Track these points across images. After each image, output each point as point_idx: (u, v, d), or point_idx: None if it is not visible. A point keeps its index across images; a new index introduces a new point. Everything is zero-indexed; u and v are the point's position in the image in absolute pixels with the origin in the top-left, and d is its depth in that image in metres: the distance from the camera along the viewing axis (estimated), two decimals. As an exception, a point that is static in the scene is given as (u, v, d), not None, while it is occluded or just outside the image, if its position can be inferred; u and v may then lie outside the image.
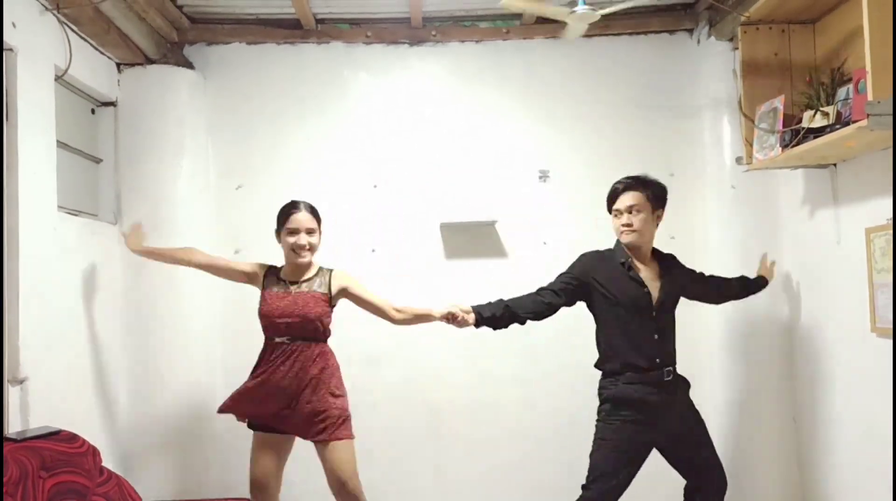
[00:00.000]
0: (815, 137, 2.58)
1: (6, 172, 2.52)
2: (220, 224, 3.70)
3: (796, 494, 3.31)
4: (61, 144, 2.98)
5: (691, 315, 3.67)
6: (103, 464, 2.41)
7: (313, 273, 2.91)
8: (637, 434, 2.70)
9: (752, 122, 2.95)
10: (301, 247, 2.84)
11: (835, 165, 2.94)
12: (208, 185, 3.69)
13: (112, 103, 3.47)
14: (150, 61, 3.48)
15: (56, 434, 2.29)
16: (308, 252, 2.87)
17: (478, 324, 2.80)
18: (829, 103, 2.65)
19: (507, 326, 2.82)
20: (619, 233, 2.82)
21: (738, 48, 3.07)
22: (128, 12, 3.13)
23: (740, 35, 3.00)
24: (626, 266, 2.78)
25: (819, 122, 2.61)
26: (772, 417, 3.36)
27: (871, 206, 2.70)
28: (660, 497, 3.19)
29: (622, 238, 2.82)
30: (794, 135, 2.70)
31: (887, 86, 2.15)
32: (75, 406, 2.89)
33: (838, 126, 2.49)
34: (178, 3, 3.49)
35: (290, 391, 2.78)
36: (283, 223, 2.89)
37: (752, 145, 2.97)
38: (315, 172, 3.73)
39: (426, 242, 3.74)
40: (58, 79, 2.90)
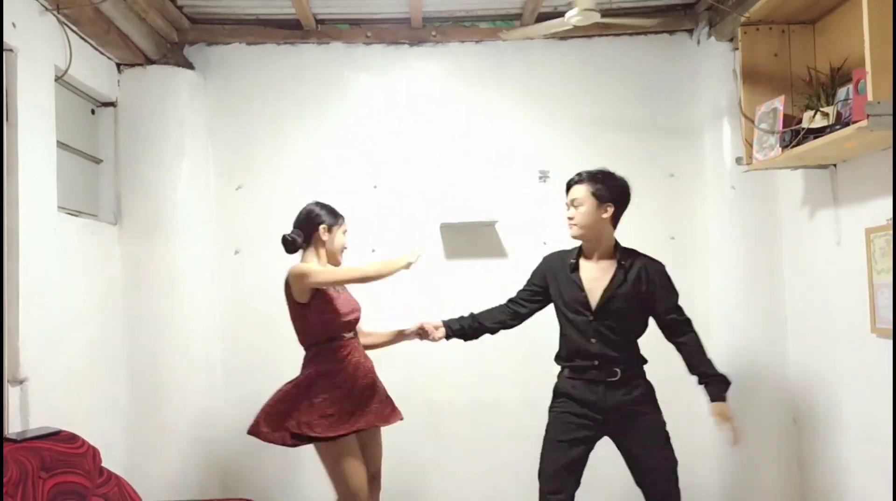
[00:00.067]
0: (815, 137, 2.58)
1: (6, 172, 2.52)
2: (220, 225, 3.70)
3: (796, 494, 3.31)
4: (61, 144, 2.98)
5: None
6: (103, 465, 2.41)
7: None
8: (573, 429, 2.67)
9: (752, 122, 2.94)
10: (345, 248, 2.96)
11: (835, 165, 2.94)
12: (208, 185, 3.69)
13: (112, 104, 3.47)
14: (151, 62, 3.48)
15: (56, 435, 2.28)
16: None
17: (448, 337, 2.90)
18: (828, 104, 2.65)
19: (476, 337, 2.92)
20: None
21: (738, 49, 3.07)
22: (128, 13, 3.13)
23: (740, 35, 3.00)
24: (571, 267, 2.76)
25: (819, 122, 2.60)
26: (772, 417, 3.36)
27: (871, 206, 2.70)
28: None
29: (569, 233, 2.79)
30: (794, 135, 2.70)
31: (887, 86, 2.16)
32: (75, 407, 2.89)
33: (838, 127, 2.49)
34: (178, 3, 3.49)
35: (370, 380, 2.84)
36: (339, 222, 2.92)
37: (751, 146, 2.96)
38: (315, 172, 3.73)
39: (426, 242, 3.73)
40: (58, 79, 2.91)
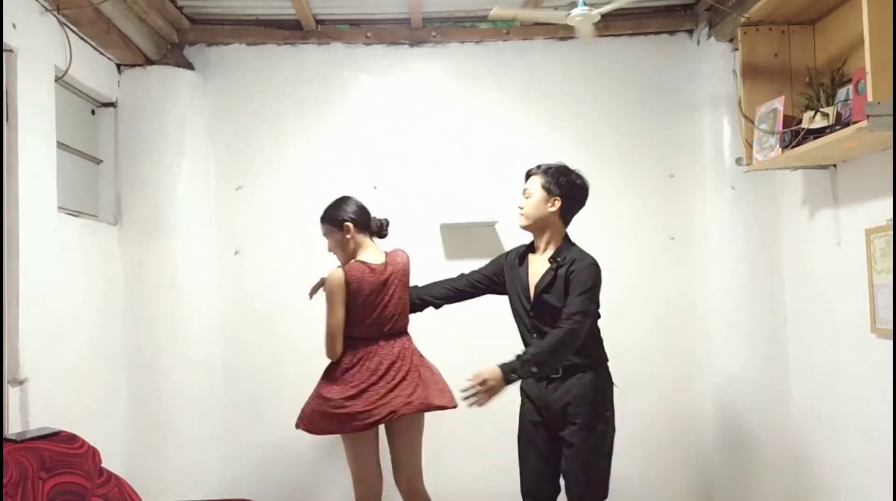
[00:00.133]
0: (815, 138, 2.58)
1: (6, 172, 2.52)
2: (220, 225, 3.70)
3: (796, 494, 3.31)
4: (61, 144, 2.98)
5: (689, 313, 3.69)
6: (103, 465, 2.41)
7: None
8: (531, 431, 2.71)
9: (752, 123, 2.94)
10: None
11: (835, 166, 2.94)
12: (208, 186, 3.69)
13: (112, 104, 3.47)
14: (151, 62, 3.48)
15: (56, 435, 2.28)
16: (338, 258, 2.97)
17: None
18: (828, 104, 2.65)
19: (421, 310, 2.94)
20: None
21: (738, 49, 3.07)
22: (128, 13, 3.13)
23: (740, 36, 3.00)
24: (519, 260, 2.72)
25: (819, 123, 2.61)
26: (771, 417, 3.36)
27: (871, 207, 2.70)
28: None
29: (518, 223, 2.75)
30: (794, 136, 2.70)
31: (887, 87, 2.16)
32: (75, 407, 2.89)
33: (838, 127, 2.49)
34: (178, 3, 3.49)
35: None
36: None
37: (751, 146, 2.96)
38: (315, 172, 3.73)
39: (426, 242, 3.73)
40: (58, 80, 2.91)
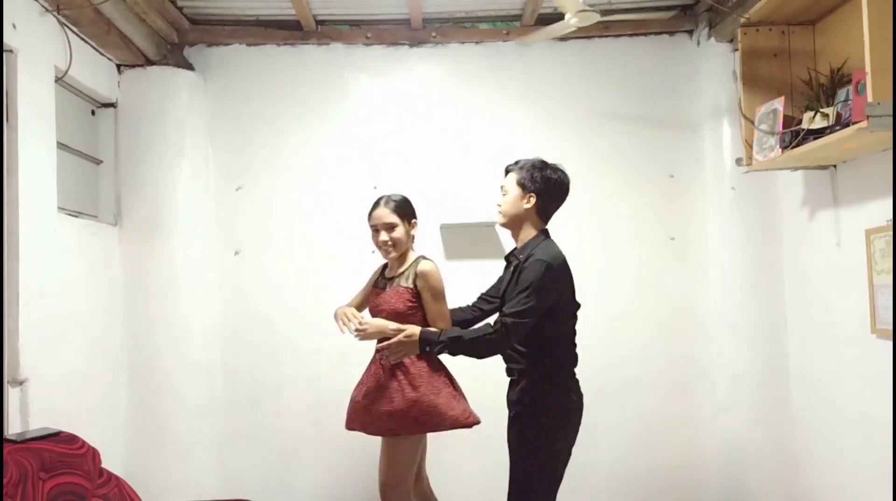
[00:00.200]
0: (815, 138, 2.58)
1: (6, 173, 2.52)
2: (220, 225, 3.70)
3: (796, 494, 3.31)
4: (61, 145, 2.98)
5: (689, 313, 3.69)
6: (103, 465, 2.41)
7: (406, 266, 2.78)
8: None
9: (752, 123, 2.94)
10: (383, 244, 2.76)
11: (835, 166, 2.94)
12: (208, 186, 3.69)
13: (112, 105, 3.47)
14: (151, 63, 3.47)
15: (56, 436, 2.28)
16: (392, 248, 2.75)
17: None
18: (828, 105, 2.65)
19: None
20: None
21: (737, 49, 3.07)
22: (128, 13, 3.13)
23: (740, 36, 3.00)
24: (506, 261, 2.68)
25: (819, 123, 2.60)
26: (771, 417, 3.36)
27: (870, 207, 2.70)
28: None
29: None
30: (794, 136, 2.70)
31: (887, 87, 2.16)
32: (75, 407, 2.89)
33: (838, 127, 2.49)
34: (178, 4, 3.49)
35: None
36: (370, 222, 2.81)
37: (751, 147, 2.96)
38: (315, 173, 3.73)
39: (426, 242, 3.72)
40: (58, 80, 2.91)
